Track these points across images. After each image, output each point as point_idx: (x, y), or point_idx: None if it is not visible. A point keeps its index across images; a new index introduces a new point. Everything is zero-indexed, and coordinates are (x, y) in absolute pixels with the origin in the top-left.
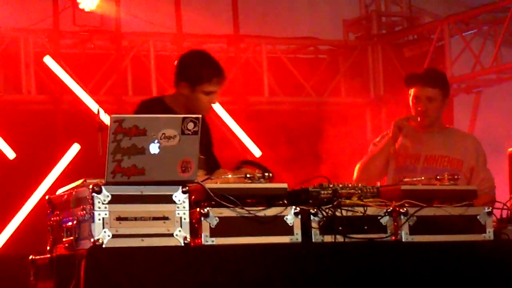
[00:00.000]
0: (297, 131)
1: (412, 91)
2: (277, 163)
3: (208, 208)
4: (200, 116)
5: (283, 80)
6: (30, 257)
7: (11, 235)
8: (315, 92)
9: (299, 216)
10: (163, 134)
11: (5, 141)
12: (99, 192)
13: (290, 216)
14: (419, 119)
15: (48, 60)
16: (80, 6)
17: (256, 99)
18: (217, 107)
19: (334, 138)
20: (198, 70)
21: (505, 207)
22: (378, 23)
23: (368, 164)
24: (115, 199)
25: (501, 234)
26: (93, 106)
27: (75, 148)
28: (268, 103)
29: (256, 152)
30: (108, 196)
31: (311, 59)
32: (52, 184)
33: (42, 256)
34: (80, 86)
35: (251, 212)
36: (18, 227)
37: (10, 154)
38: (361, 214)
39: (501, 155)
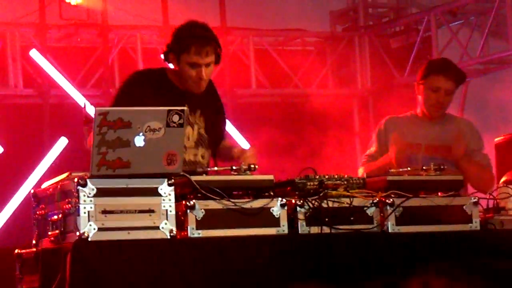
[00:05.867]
0: (285, 123)
1: (431, 80)
2: (265, 156)
3: (194, 201)
4: (185, 108)
5: (270, 72)
6: (16, 251)
7: None
8: (303, 84)
9: (286, 208)
10: (148, 126)
11: None
12: (84, 185)
13: (277, 207)
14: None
15: (34, 54)
16: (67, 0)
17: (244, 91)
18: None
19: (321, 130)
20: (178, 39)
21: (491, 197)
22: (365, 14)
23: None
24: (101, 192)
25: (487, 224)
26: (80, 99)
27: (62, 142)
28: (255, 95)
29: (244, 145)
30: (93, 189)
31: (299, 51)
32: (40, 178)
33: (28, 250)
34: (67, 79)
35: (237, 204)
36: (6, 221)
37: None
38: (347, 205)
39: (489, 145)
